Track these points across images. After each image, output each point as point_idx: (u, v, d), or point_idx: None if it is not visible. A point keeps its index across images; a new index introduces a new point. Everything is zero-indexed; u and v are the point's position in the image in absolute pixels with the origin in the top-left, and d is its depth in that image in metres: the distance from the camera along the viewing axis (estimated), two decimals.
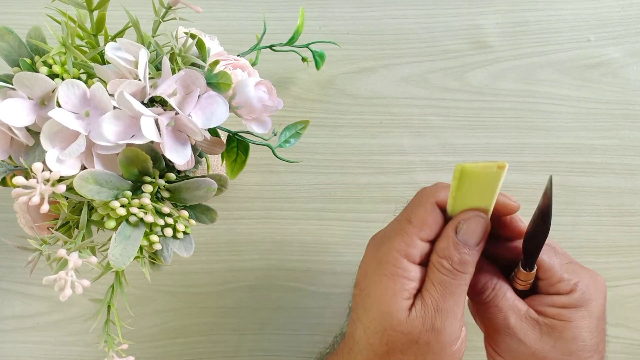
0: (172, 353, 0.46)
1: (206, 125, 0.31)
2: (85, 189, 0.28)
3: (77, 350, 0.47)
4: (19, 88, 0.29)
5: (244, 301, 0.47)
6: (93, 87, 0.29)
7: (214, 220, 0.34)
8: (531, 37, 0.50)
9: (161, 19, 0.32)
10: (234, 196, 0.48)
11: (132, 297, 0.47)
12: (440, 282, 0.31)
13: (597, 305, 0.32)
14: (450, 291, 0.31)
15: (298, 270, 0.47)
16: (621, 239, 0.47)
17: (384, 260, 0.33)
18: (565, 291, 0.32)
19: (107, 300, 0.31)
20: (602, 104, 0.49)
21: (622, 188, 0.47)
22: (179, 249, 0.31)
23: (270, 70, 0.50)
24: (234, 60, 0.36)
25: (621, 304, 0.46)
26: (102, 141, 0.28)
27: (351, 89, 0.50)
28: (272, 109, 0.34)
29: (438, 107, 0.49)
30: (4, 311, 0.47)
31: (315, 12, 0.51)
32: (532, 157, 0.48)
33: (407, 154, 0.49)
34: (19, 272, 0.48)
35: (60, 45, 0.29)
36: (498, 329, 0.33)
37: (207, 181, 0.31)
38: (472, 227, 0.31)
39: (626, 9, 0.51)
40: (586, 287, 0.32)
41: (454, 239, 0.31)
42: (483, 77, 0.50)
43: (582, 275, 0.33)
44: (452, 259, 0.31)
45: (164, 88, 0.29)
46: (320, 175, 0.49)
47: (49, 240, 0.29)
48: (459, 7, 0.51)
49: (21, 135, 0.29)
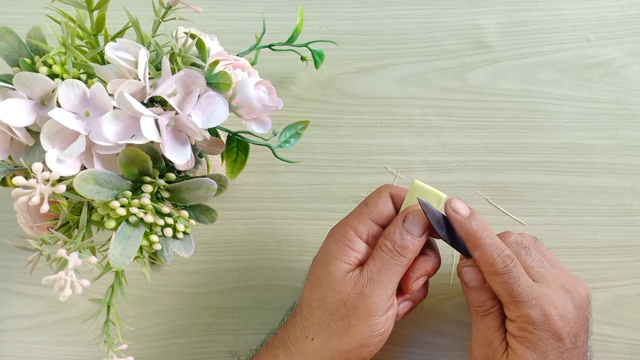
0: (172, 353, 0.46)
1: (206, 125, 0.31)
2: (85, 189, 0.28)
3: (77, 350, 0.47)
4: (19, 88, 0.29)
5: (244, 301, 0.47)
6: (93, 87, 0.29)
7: (214, 220, 0.34)
8: (531, 37, 0.50)
9: (161, 19, 0.32)
10: (234, 196, 0.48)
11: (132, 297, 0.47)
12: (380, 258, 0.36)
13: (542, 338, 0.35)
14: (387, 268, 0.36)
15: (298, 270, 0.47)
16: (621, 239, 0.47)
17: (336, 232, 0.38)
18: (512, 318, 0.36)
19: (106, 300, 0.31)
20: (602, 104, 0.49)
21: (622, 188, 0.47)
22: (179, 249, 0.32)
23: (270, 70, 0.50)
24: (233, 60, 0.36)
25: (621, 304, 0.46)
26: (102, 141, 0.28)
27: (351, 89, 0.50)
28: (272, 109, 0.34)
29: (438, 107, 0.49)
30: (4, 311, 0.47)
31: (314, 12, 0.51)
32: (532, 157, 0.48)
33: (407, 154, 0.49)
34: (19, 272, 0.48)
35: (60, 45, 0.29)
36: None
37: (207, 181, 0.31)
38: (418, 218, 0.36)
39: (626, 9, 0.51)
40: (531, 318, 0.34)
41: (400, 224, 0.36)
42: (483, 77, 0.50)
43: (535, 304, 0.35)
44: (395, 242, 0.36)
45: (163, 88, 0.29)
46: (320, 175, 0.49)
47: (49, 240, 0.29)
48: (459, 7, 0.51)
49: (21, 135, 0.29)
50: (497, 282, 0.35)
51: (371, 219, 0.38)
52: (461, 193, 0.48)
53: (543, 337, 0.34)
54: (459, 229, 0.36)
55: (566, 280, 0.37)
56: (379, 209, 0.38)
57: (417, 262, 0.38)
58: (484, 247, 0.35)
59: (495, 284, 0.35)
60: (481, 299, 0.37)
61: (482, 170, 0.48)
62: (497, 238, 0.36)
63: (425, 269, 0.38)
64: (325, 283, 0.36)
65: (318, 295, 0.37)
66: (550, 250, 0.40)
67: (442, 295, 0.46)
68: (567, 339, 0.35)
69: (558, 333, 0.34)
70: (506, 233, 0.39)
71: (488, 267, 0.35)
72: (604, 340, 0.45)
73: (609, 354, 0.45)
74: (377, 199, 0.38)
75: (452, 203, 0.36)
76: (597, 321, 0.45)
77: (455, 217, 0.36)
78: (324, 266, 0.37)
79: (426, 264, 0.38)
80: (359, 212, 0.38)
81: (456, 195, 0.47)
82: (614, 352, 0.45)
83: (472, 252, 0.36)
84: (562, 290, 0.36)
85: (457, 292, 0.46)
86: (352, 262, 0.37)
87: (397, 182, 0.48)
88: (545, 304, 0.34)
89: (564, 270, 0.39)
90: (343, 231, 0.38)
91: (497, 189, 0.48)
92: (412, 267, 0.37)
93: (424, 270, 0.38)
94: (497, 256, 0.35)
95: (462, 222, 0.36)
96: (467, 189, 0.48)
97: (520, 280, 0.35)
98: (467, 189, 0.48)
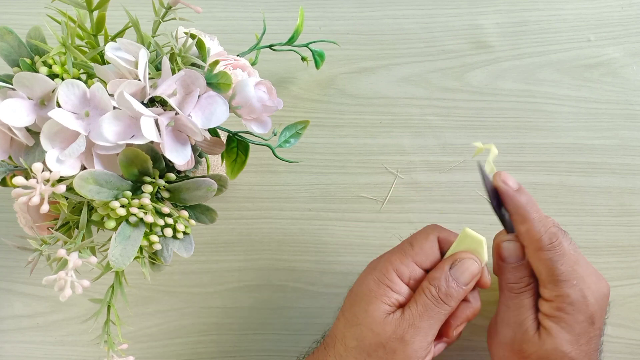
0: (172, 353, 0.46)
1: (206, 125, 0.31)
2: (85, 189, 0.28)
3: (77, 350, 0.47)
4: (19, 88, 0.29)
5: (244, 301, 0.47)
6: (93, 87, 0.29)
7: (214, 220, 0.34)
8: (531, 37, 0.50)
9: (161, 19, 0.32)
10: (234, 196, 0.48)
11: (132, 297, 0.47)
12: (423, 304, 0.35)
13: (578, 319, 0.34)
14: (429, 315, 0.34)
15: (298, 270, 0.47)
16: (621, 239, 0.47)
17: (377, 269, 0.37)
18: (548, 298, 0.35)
19: (107, 300, 0.31)
20: (602, 104, 0.49)
21: (622, 188, 0.47)
22: (179, 249, 0.32)
23: (270, 70, 0.50)
24: (233, 60, 0.36)
25: (621, 304, 0.46)
26: (102, 141, 0.28)
27: (351, 89, 0.50)
28: (272, 109, 0.34)
29: (438, 107, 0.49)
30: (4, 311, 0.47)
31: (315, 12, 0.51)
32: (532, 157, 0.48)
33: (407, 154, 0.49)
34: (19, 272, 0.48)
35: (60, 45, 0.29)
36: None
37: (207, 181, 0.31)
38: (465, 266, 0.35)
39: (626, 9, 0.51)
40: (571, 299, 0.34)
41: (446, 271, 0.35)
42: (483, 77, 0.50)
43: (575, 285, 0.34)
44: (439, 288, 0.35)
45: (163, 88, 0.29)
46: (320, 175, 0.49)
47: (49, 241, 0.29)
48: (459, 7, 0.51)
49: (21, 135, 0.29)
50: (541, 259, 0.34)
51: (415, 261, 0.36)
52: (461, 193, 0.48)
53: (579, 319, 0.34)
54: (508, 201, 0.35)
55: (594, 270, 0.36)
56: (424, 252, 0.36)
57: (458, 309, 0.37)
58: (532, 222, 0.34)
59: (538, 261, 0.35)
60: (518, 275, 0.36)
61: None
62: (543, 214, 0.35)
63: (467, 316, 0.37)
64: (364, 323, 0.35)
65: (355, 335, 0.35)
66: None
67: None
68: (597, 324, 0.34)
69: (593, 316, 0.34)
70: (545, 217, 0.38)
71: (534, 243, 0.34)
72: (604, 340, 0.45)
73: (609, 354, 0.45)
74: (424, 242, 0.37)
75: (501, 175, 0.35)
76: None
77: (505, 188, 0.35)
78: (363, 305, 0.36)
79: (467, 311, 0.37)
80: (403, 252, 0.37)
81: (456, 195, 0.48)
82: (614, 352, 0.45)
83: (519, 227, 0.35)
84: (596, 277, 0.35)
85: None
86: (392, 303, 0.35)
87: (398, 182, 0.48)
88: (584, 286, 0.34)
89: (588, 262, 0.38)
90: (385, 270, 0.36)
91: None
92: (454, 314, 0.36)
93: (465, 317, 0.37)
94: (544, 232, 0.34)
95: (512, 195, 0.35)
96: (467, 189, 0.48)
97: (565, 258, 0.34)
98: (467, 189, 0.48)
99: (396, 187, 0.48)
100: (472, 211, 0.48)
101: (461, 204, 0.48)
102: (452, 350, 0.45)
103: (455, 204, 0.48)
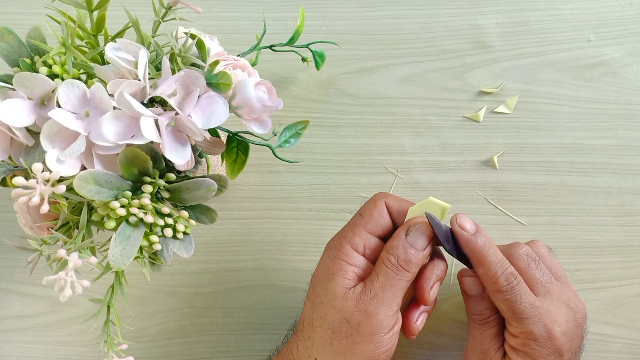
0: (172, 353, 0.46)
1: (206, 126, 0.31)
2: (85, 189, 0.28)
3: (77, 350, 0.47)
4: (19, 88, 0.29)
5: (244, 301, 0.47)
6: (93, 87, 0.29)
7: (214, 220, 0.34)
8: (531, 37, 0.50)
9: (161, 19, 0.32)
10: (234, 196, 0.48)
11: (132, 297, 0.47)
12: (383, 274, 0.35)
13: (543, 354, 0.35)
14: (391, 283, 0.35)
15: (298, 270, 0.47)
16: (621, 239, 0.47)
17: (332, 247, 0.37)
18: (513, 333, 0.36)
19: (107, 301, 0.31)
20: (602, 104, 0.49)
21: (622, 188, 0.47)
22: (179, 249, 0.32)
23: (270, 70, 0.50)
24: (234, 60, 0.36)
25: (621, 304, 0.46)
26: (102, 141, 0.28)
27: (351, 89, 0.50)
28: (272, 109, 0.34)
29: (438, 107, 0.49)
30: (4, 311, 0.47)
31: (315, 12, 0.51)
32: (532, 157, 0.48)
33: (407, 154, 0.49)
34: (19, 272, 0.48)
35: (60, 45, 0.29)
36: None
37: (207, 181, 0.31)
38: (421, 231, 0.35)
39: (626, 9, 0.51)
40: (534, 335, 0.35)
41: (403, 238, 0.35)
42: (483, 77, 0.50)
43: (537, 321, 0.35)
44: (398, 256, 0.35)
45: (163, 88, 0.29)
46: (320, 175, 0.49)
47: (49, 241, 0.29)
48: (459, 7, 0.51)
49: (21, 136, 0.29)
50: (499, 299, 0.35)
51: (367, 230, 0.37)
52: (461, 193, 0.48)
53: (544, 353, 0.34)
54: (464, 245, 0.35)
55: (569, 297, 0.37)
56: (374, 220, 0.37)
57: (426, 271, 0.37)
58: (489, 265, 0.35)
59: (497, 301, 0.35)
60: (479, 307, 0.37)
61: (481, 170, 0.48)
62: (501, 255, 0.36)
63: (437, 275, 0.37)
64: (326, 301, 0.35)
65: (319, 314, 0.36)
66: (560, 264, 0.40)
67: (442, 295, 0.46)
68: (567, 355, 0.35)
69: (560, 350, 0.34)
70: (517, 244, 0.38)
71: (491, 285, 0.35)
72: (604, 340, 0.45)
73: (609, 354, 0.45)
74: (372, 209, 0.37)
75: (458, 219, 0.36)
76: (597, 321, 0.45)
77: (461, 233, 0.35)
78: (323, 283, 0.36)
79: (437, 270, 0.37)
80: (354, 224, 0.37)
81: (456, 195, 0.48)
82: (614, 352, 0.45)
83: (477, 269, 0.36)
84: (565, 308, 0.36)
85: (457, 293, 0.46)
86: (351, 277, 0.36)
87: (398, 182, 0.48)
88: (548, 321, 0.35)
89: (568, 285, 0.38)
90: (339, 245, 0.37)
91: (497, 189, 0.48)
92: (424, 277, 0.37)
93: (436, 277, 0.37)
94: (500, 274, 0.35)
95: (468, 239, 0.35)
96: (467, 189, 0.48)
97: (523, 297, 0.35)
98: (467, 189, 0.48)
99: (396, 187, 0.48)
100: (472, 211, 0.48)
101: (461, 204, 0.48)
102: (451, 350, 0.45)
103: (455, 204, 0.48)
